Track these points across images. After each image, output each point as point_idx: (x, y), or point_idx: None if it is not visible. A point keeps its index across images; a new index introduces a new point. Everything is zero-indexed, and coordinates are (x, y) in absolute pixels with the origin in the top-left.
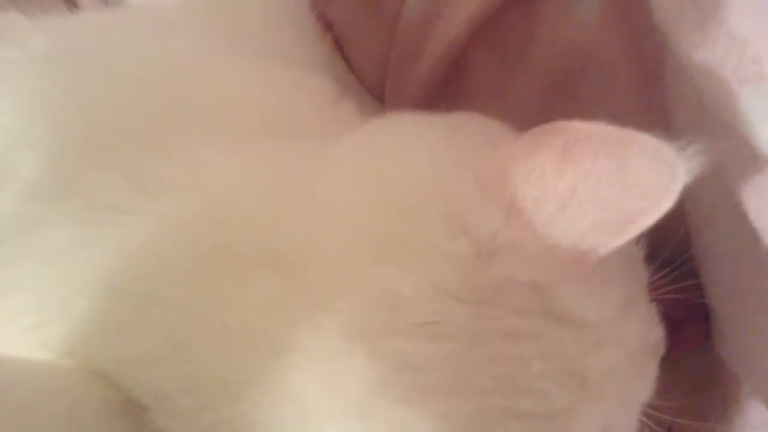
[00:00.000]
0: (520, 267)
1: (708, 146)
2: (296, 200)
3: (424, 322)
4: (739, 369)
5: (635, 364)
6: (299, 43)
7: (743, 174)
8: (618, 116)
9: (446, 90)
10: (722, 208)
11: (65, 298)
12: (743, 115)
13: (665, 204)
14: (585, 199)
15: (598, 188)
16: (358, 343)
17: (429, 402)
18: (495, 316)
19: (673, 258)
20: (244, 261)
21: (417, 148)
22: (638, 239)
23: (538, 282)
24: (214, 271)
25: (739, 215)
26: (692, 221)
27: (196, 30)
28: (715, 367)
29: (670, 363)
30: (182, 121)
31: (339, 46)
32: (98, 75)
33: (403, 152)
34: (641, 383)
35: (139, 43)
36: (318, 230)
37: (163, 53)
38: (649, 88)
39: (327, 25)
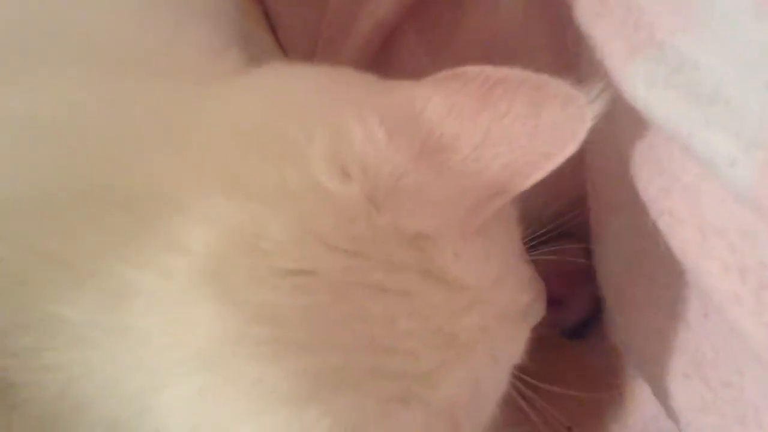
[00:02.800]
0: (413, 214)
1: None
2: (160, 137)
3: (287, 270)
4: (629, 355)
5: (506, 324)
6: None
7: (635, 147)
8: None
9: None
10: (622, 193)
11: None
12: (632, 84)
13: (571, 147)
14: (498, 140)
15: (512, 129)
16: (211, 289)
17: (286, 358)
18: (366, 269)
19: (556, 218)
20: (97, 199)
21: (302, 86)
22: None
23: (420, 238)
24: (62, 207)
25: (634, 198)
26: (594, 208)
27: None
28: (613, 366)
29: (569, 356)
30: (45, 48)
31: (270, 22)
32: None
33: (285, 90)
34: (512, 343)
35: None
36: (180, 169)
37: None
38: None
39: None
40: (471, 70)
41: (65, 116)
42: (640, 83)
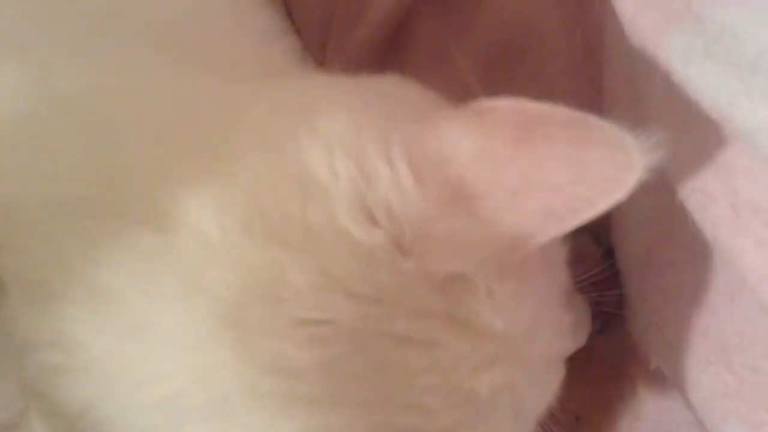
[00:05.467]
0: (442, 258)
1: (665, 138)
2: (189, 153)
3: (304, 319)
4: (648, 345)
5: (536, 379)
6: None
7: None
8: (551, 96)
9: (389, 56)
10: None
11: None
12: (668, 56)
13: (617, 196)
14: (537, 186)
15: (553, 175)
16: (230, 336)
17: (298, 413)
18: (388, 317)
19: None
20: (120, 211)
21: (334, 115)
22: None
23: (449, 280)
24: (92, 219)
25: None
26: None
27: None
28: (626, 357)
29: (581, 351)
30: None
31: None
32: None
33: (316, 119)
34: (540, 397)
35: None
36: (207, 200)
37: None
38: (586, 68)
39: None
40: (506, 105)
41: (110, 106)
42: (677, 55)
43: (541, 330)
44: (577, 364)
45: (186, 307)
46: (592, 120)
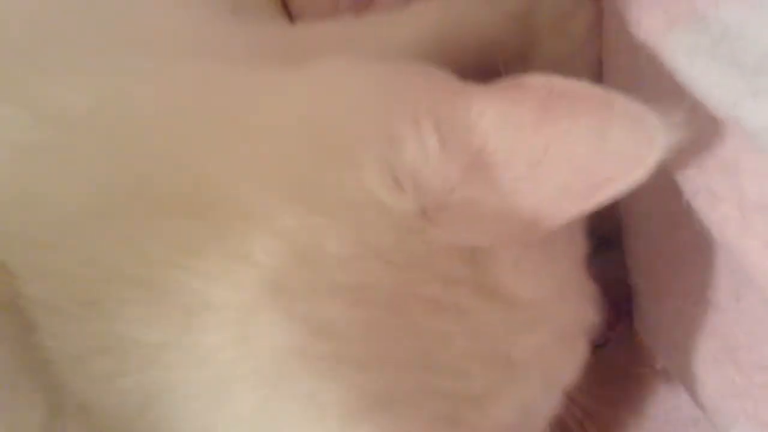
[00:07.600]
0: (466, 229)
1: (688, 117)
2: (218, 133)
3: (345, 284)
4: (657, 343)
5: (565, 345)
6: None
7: None
8: None
9: None
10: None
11: None
12: (673, 57)
13: (638, 175)
14: (558, 160)
15: (574, 149)
16: (276, 302)
17: (341, 373)
18: (422, 283)
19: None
20: (160, 205)
21: (360, 87)
22: None
23: (476, 250)
24: (125, 216)
25: (664, 180)
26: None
27: None
28: (633, 356)
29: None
30: (87, 36)
31: None
32: None
33: (344, 88)
34: (568, 365)
35: None
36: (241, 171)
37: None
38: None
39: None
40: (535, 80)
41: (121, 112)
42: (682, 54)
43: (570, 295)
44: (584, 364)
45: (230, 279)
46: (616, 96)
